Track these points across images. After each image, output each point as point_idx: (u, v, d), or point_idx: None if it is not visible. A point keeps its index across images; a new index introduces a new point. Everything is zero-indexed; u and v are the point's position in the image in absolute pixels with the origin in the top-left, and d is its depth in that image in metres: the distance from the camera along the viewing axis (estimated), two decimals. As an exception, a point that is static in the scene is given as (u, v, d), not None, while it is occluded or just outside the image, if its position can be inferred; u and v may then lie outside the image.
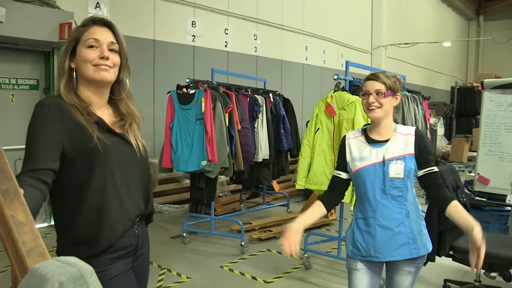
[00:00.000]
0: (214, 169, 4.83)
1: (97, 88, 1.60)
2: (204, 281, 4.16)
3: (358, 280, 2.25)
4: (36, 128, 1.47)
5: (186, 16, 7.66)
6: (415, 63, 14.24)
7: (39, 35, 5.29)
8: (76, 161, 1.48)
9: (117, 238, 1.53)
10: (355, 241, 2.24)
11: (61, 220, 1.54)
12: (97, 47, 1.55)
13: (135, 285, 1.63)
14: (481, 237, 1.98)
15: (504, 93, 4.49)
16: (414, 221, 2.19)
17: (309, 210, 2.24)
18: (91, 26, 1.58)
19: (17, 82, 5.60)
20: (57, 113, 1.48)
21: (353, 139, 2.29)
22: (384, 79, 2.17)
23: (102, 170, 1.50)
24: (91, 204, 1.49)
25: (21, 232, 0.87)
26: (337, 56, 11.39)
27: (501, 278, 3.92)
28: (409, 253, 2.17)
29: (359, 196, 2.25)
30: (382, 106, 2.16)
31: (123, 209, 1.55)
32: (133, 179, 1.61)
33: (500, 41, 16.48)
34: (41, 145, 1.44)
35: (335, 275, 4.29)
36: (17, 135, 5.56)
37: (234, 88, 5.57)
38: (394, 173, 2.13)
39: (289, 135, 6.32)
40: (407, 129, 2.25)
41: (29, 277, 0.76)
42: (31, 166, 1.39)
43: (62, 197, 1.51)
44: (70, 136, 1.48)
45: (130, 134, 1.63)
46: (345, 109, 3.98)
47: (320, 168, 4.15)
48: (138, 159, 1.63)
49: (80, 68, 1.56)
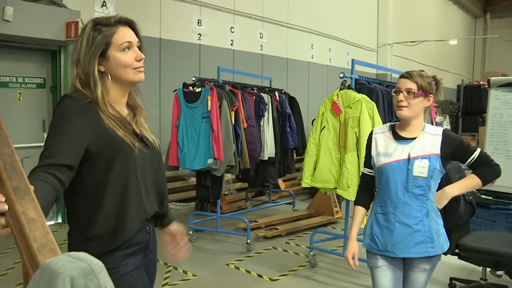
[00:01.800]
0: (220, 167, 4.85)
1: (127, 89, 1.62)
2: (210, 278, 4.17)
3: (381, 277, 2.28)
4: (60, 121, 1.43)
5: (192, 15, 7.67)
6: (421, 61, 14.17)
7: (46, 34, 5.32)
8: (99, 159, 1.48)
9: (133, 235, 1.55)
10: (373, 235, 2.27)
11: (78, 217, 1.53)
12: (129, 49, 1.55)
13: (146, 281, 1.65)
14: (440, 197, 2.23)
15: (510, 91, 4.47)
16: (433, 221, 2.21)
17: (356, 220, 2.34)
18: (118, 27, 1.55)
19: (24, 81, 5.64)
20: (85, 108, 1.46)
21: (380, 134, 2.31)
22: (417, 79, 2.16)
23: (125, 171, 1.51)
24: (111, 203, 1.50)
25: (32, 228, 0.89)
26: (343, 54, 11.36)
27: (507, 277, 3.92)
28: (425, 251, 2.19)
29: (380, 191, 2.26)
30: (410, 106, 2.15)
31: (141, 208, 1.57)
32: (151, 179, 1.63)
33: (507, 39, 16.38)
34: (63, 139, 1.40)
35: (340, 273, 4.30)
36: (24, 133, 5.61)
37: (240, 86, 5.59)
38: (418, 172, 2.14)
39: (295, 133, 6.32)
40: (435, 130, 2.24)
41: (41, 272, 0.77)
42: (49, 161, 1.35)
43: (81, 194, 1.51)
44: (97, 134, 1.46)
45: (144, 131, 1.65)
46: (351, 107, 3.98)
47: (326, 166, 4.15)
48: (156, 159, 1.66)
49: (115, 72, 1.54)
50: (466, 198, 3.17)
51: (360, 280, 4.12)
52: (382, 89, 4.55)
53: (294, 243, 5.29)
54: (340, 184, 3.99)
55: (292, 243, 5.27)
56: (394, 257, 2.24)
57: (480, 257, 3.35)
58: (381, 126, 2.39)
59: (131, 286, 1.55)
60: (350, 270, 4.35)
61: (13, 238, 0.93)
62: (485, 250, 3.26)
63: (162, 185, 1.70)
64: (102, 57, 1.53)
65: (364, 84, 4.54)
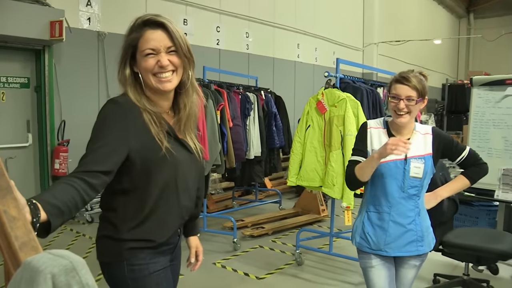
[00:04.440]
0: (206, 167, 4.84)
1: (162, 94, 1.56)
2: (196, 278, 4.17)
3: (376, 276, 2.27)
4: (101, 127, 1.43)
5: (177, 14, 7.65)
6: (407, 60, 14.28)
7: (29, 33, 5.26)
8: (140, 166, 1.48)
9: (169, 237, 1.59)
10: (365, 233, 2.27)
11: (114, 218, 1.53)
12: (155, 54, 1.49)
13: (171, 283, 1.67)
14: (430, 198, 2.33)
15: (492, 90, 4.53)
16: (424, 219, 2.26)
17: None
18: (145, 30, 1.50)
19: (8, 81, 5.58)
20: (130, 113, 1.45)
21: (375, 129, 2.28)
22: (416, 84, 2.12)
23: (166, 176, 1.52)
24: (150, 210, 1.51)
25: (13, 227, 0.89)
26: (329, 53, 11.41)
27: (488, 272, 3.99)
28: (416, 250, 2.23)
29: (374, 190, 2.24)
30: (410, 112, 2.14)
31: (179, 214, 1.60)
32: (191, 185, 1.63)
33: (490, 39, 16.57)
34: (102, 147, 1.39)
35: (327, 270, 4.33)
36: (8, 134, 5.54)
37: (225, 86, 5.59)
38: (414, 172, 2.16)
39: (281, 132, 6.35)
40: (425, 128, 2.26)
41: (22, 270, 0.77)
42: (83, 168, 1.34)
43: (119, 196, 1.51)
44: (139, 140, 1.46)
45: (188, 137, 1.63)
46: (336, 106, 4.01)
47: (311, 164, 4.17)
48: (197, 165, 1.66)
49: (142, 75, 1.52)
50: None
51: (346, 277, 4.15)
52: (366, 88, 4.60)
53: (280, 241, 5.31)
54: (325, 182, 4.02)
55: (278, 242, 5.29)
56: (386, 255, 2.25)
57: (463, 252, 3.41)
58: (376, 120, 2.34)
59: (157, 285, 1.56)
60: (336, 268, 4.39)
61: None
62: (467, 246, 3.32)
63: (201, 191, 1.74)
64: (134, 59, 1.53)
65: (348, 83, 4.58)
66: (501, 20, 18.48)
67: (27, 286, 0.74)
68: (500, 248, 3.25)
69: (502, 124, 4.43)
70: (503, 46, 17.49)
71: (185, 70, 1.56)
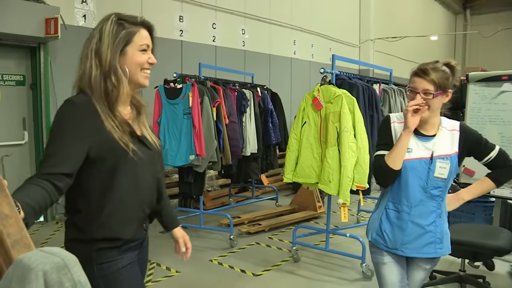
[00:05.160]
0: (202, 164, 4.84)
1: (133, 89, 1.65)
2: (193, 275, 4.18)
3: (388, 272, 2.21)
4: (61, 128, 1.44)
5: (173, 11, 7.63)
6: (403, 56, 14.31)
7: (24, 30, 5.24)
8: (99, 163, 1.49)
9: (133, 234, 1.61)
10: (382, 230, 2.19)
11: (77, 219, 1.54)
12: (146, 51, 1.60)
13: (139, 276, 1.71)
14: (452, 200, 2.24)
15: (488, 86, 4.54)
16: (444, 222, 2.17)
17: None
18: (141, 28, 1.60)
19: (3, 78, 5.55)
20: (88, 114, 1.47)
21: (398, 123, 2.17)
22: (433, 76, 2.01)
23: (127, 174, 1.54)
24: (112, 206, 1.52)
25: (6, 224, 0.89)
26: (325, 50, 11.41)
27: (484, 268, 4.01)
28: (434, 252, 2.15)
29: (395, 187, 2.14)
30: (429, 107, 2.03)
31: (140, 210, 1.63)
32: (151, 181, 1.66)
33: (486, 35, 16.59)
34: (62, 149, 1.41)
35: (323, 267, 4.34)
36: (4, 131, 5.52)
37: (221, 83, 5.58)
38: (439, 173, 2.06)
39: (277, 129, 6.35)
40: (452, 124, 2.14)
41: (14, 267, 0.77)
42: (47, 170, 1.37)
43: (81, 197, 1.52)
44: (97, 139, 1.47)
45: (146, 132, 1.67)
46: (332, 102, 4.01)
47: (307, 161, 4.17)
48: (157, 161, 1.70)
49: (129, 69, 1.57)
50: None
51: (342, 274, 4.16)
52: (362, 84, 4.59)
53: (277, 238, 5.31)
54: (321, 179, 4.02)
55: (275, 238, 5.29)
56: (401, 255, 2.19)
57: (459, 248, 3.41)
58: (398, 114, 2.22)
59: (126, 279, 1.59)
60: (333, 265, 4.40)
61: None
62: (464, 242, 3.32)
63: (161, 185, 1.74)
64: (120, 53, 1.55)
65: (344, 79, 4.58)
66: (497, 16, 18.52)
67: (18, 283, 0.74)
68: (496, 244, 3.26)
69: (498, 120, 4.44)
70: (500, 42, 17.52)
71: None
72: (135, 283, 1.63)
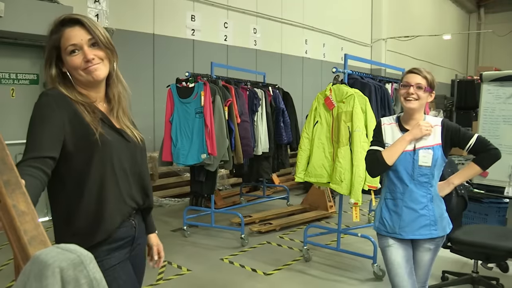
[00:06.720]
0: (214, 162, 4.85)
1: (93, 86, 1.62)
2: (204, 273, 4.19)
3: (393, 254, 2.46)
4: (39, 116, 1.47)
5: (185, 10, 7.65)
6: (415, 56, 14.22)
7: (38, 30, 5.28)
8: (76, 154, 1.50)
9: (115, 229, 1.57)
10: (382, 218, 2.49)
11: (60, 211, 1.56)
12: (79, 50, 1.54)
13: (132, 274, 1.68)
14: (443, 186, 2.47)
15: (502, 85, 4.50)
16: (437, 206, 2.43)
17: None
18: (63, 30, 1.55)
19: (17, 77, 5.62)
20: (62, 103, 1.50)
21: (388, 125, 2.51)
22: (426, 74, 2.37)
23: (102, 164, 1.53)
24: (90, 197, 1.52)
25: (22, 221, 0.90)
26: (337, 49, 11.38)
27: (498, 269, 3.96)
28: (429, 233, 2.41)
29: (390, 179, 2.46)
30: (419, 99, 2.35)
31: (121, 201, 1.60)
32: (132, 173, 1.64)
33: (500, 34, 16.44)
34: (43, 133, 1.44)
35: (334, 267, 4.33)
36: (17, 129, 5.58)
37: (233, 82, 5.59)
38: (423, 162, 2.35)
39: (289, 128, 6.34)
40: (435, 121, 2.43)
41: (31, 263, 0.78)
42: (32, 154, 1.39)
43: (60, 189, 1.53)
44: (73, 128, 1.49)
45: (124, 126, 1.67)
46: (344, 102, 3.99)
47: (319, 161, 4.16)
48: (137, 153, 1.68)
49: (71, 73, 1.57)
50: (458, 191, 3.20)
51: (353, 274, 4.15)
52: (374, 84, 4.57)
53: (288, 237, 5.31)
54: (333, 178, 4.00)
55: (286, 238, 5.29)
56: (401, 238, 2.44)
57: (472, 250, 3.38)
58: (388, 117, 2.57)
59: (115, 279, 1.57)
60: (344, 264, 4.38)
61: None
62: (476, 243, 3.29)
63: (145, 179, 1.72)
64: (61, 60, 1.57)
65: (356, 78, 4.56)
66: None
67: (36, 279, 0.75)
68: (510, 245, 3.22)
69: (513, 120, 4.39)
70: (514, 41, 17.34)
71: (110, 62, 1.62)
72: (124, 284, 1.61)
